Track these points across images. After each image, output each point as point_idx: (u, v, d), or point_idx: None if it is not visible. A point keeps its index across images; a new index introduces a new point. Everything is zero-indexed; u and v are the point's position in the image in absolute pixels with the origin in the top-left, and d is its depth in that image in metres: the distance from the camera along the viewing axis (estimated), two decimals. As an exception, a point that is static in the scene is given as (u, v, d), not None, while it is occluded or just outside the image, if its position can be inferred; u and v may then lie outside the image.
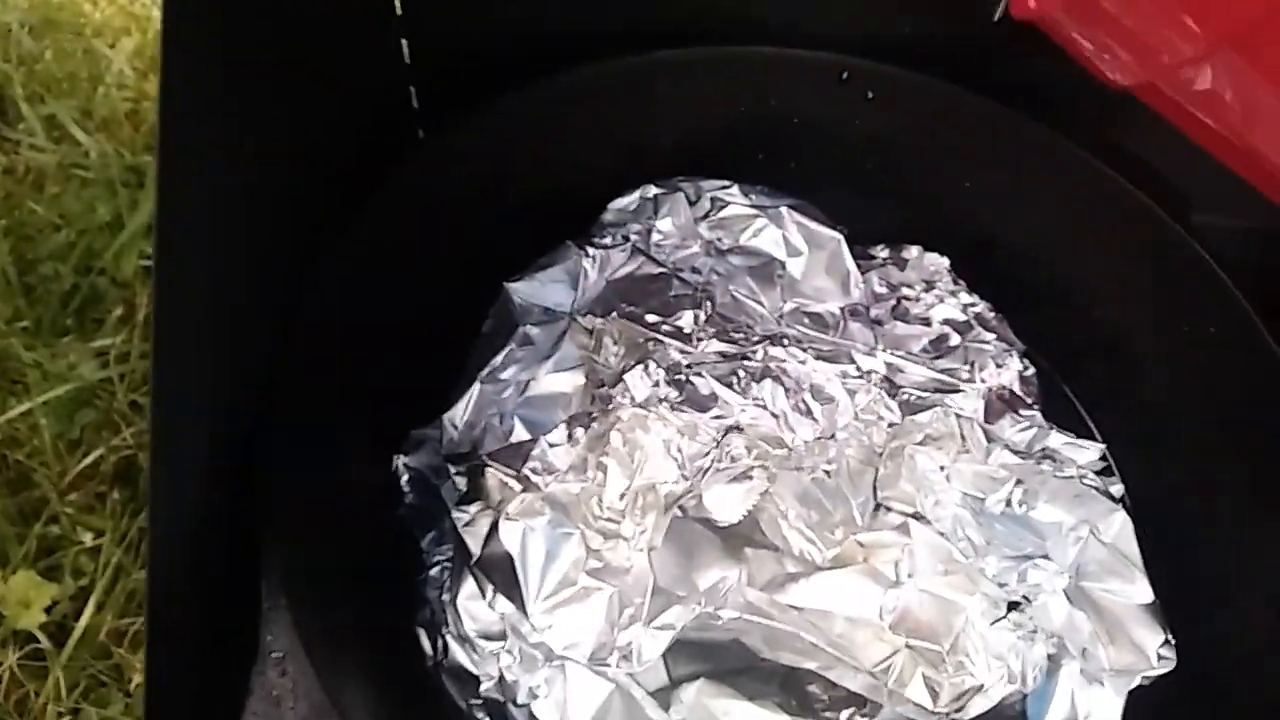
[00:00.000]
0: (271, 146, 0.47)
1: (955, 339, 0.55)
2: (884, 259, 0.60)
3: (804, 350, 0.49)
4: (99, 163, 0.84)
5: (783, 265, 0.57)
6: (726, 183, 0.59)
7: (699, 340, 0.49)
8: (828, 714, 0.46)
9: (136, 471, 0.71)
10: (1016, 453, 0.49)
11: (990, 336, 0.56)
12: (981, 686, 0.44)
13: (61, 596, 0.66)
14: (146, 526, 0.36)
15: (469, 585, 0.46)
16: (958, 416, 0.49)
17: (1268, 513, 0.49)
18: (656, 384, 0.46)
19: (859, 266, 0.57)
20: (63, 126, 0.86)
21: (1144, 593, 0.48)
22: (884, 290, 0.58)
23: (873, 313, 0.57)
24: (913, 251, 0.60)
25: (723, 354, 0.48)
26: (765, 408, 0.47)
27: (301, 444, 0.44)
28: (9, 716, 0.61)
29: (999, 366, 0.54)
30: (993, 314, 0.58)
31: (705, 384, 0.47)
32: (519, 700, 0.44)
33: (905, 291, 0.58)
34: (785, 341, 0.50)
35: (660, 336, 0.48)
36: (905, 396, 0.49)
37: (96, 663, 0.65)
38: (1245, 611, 0.48)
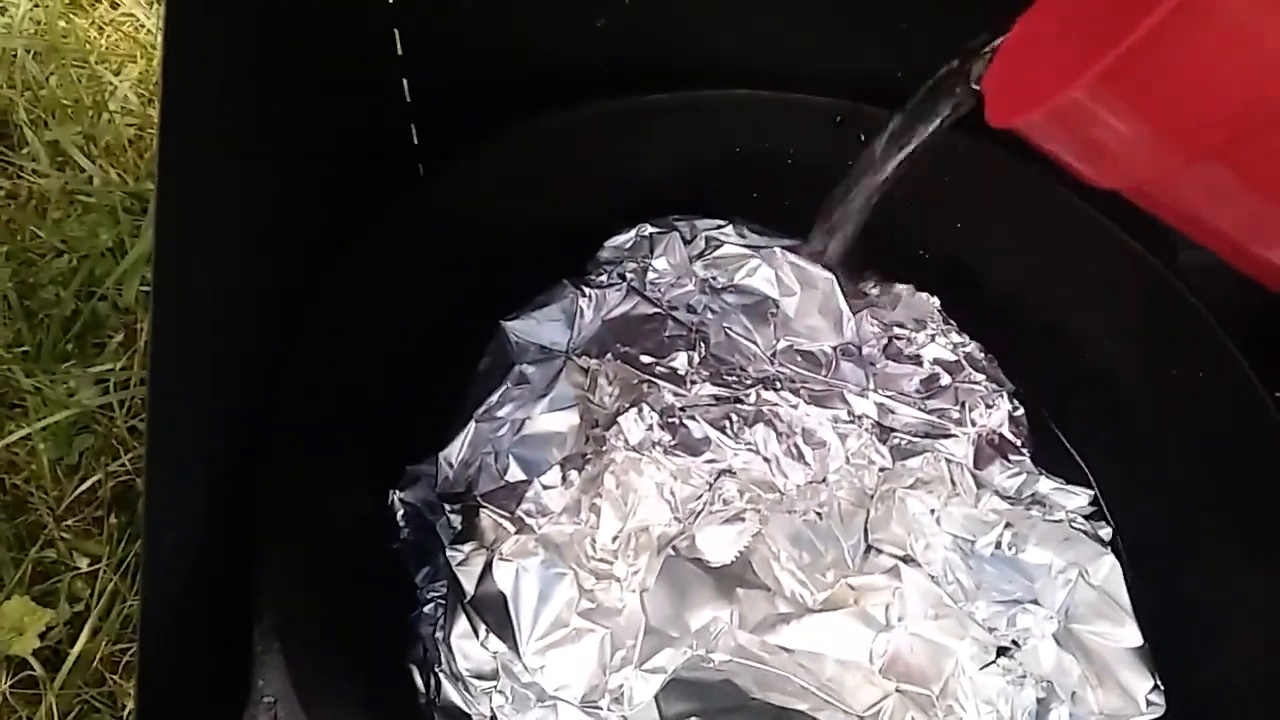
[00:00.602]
0: (271, 179, 0.47)
1: (946, 379, 0.56)
2: (875, 295, 0.60)
3: (796, 394, 0.50)
4: (102, 189, 0.85)
5: (776, 304, 0.58)
6: (721, 222, 0.60)
7: (692, 383, 0.49)
8: (817, 755, 0.46)
9: (134, 497, 0.71)
10: (1006, 498, 0.49)
11: (980, 377, 0.56)
12: (970, 731, 0.45)
13: (56, 622, 0.66)
14: (141, 559, 0.36)
15: (462, 623, 0.46)
16: (948, 461, 0.49)
17: (1255, 558, 0.50)
18: (650, 427, 0.47)
19: (850, 304, 0.58)
20: (66, 152, 0.87)
21: (1133, 636, 0.48)
22: (876, 329, 0.58)
23: (865, 351, 0.57)
24: (903, 290, 0.61)
25: (716, 397, 0.49)
26: (757, 452, 0.48)
27: (297, 478, 0.45)
28: (1, 745, 0.62)
29: (989, 407, 0.55)
30: (983, 354, 0.58)
31: (699, 428, 0.47)
32: (510, 740, 0.44)
33: (896, 331, 0.58)
34: (778, 385, 0.50)
35: (654, 378, 0.49)
36: (896, 441, 0.50)
37: (90, 689, 0.65)
38: (1234, 657, 0.49)
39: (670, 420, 0.47)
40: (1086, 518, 0.51)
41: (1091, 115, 0.32)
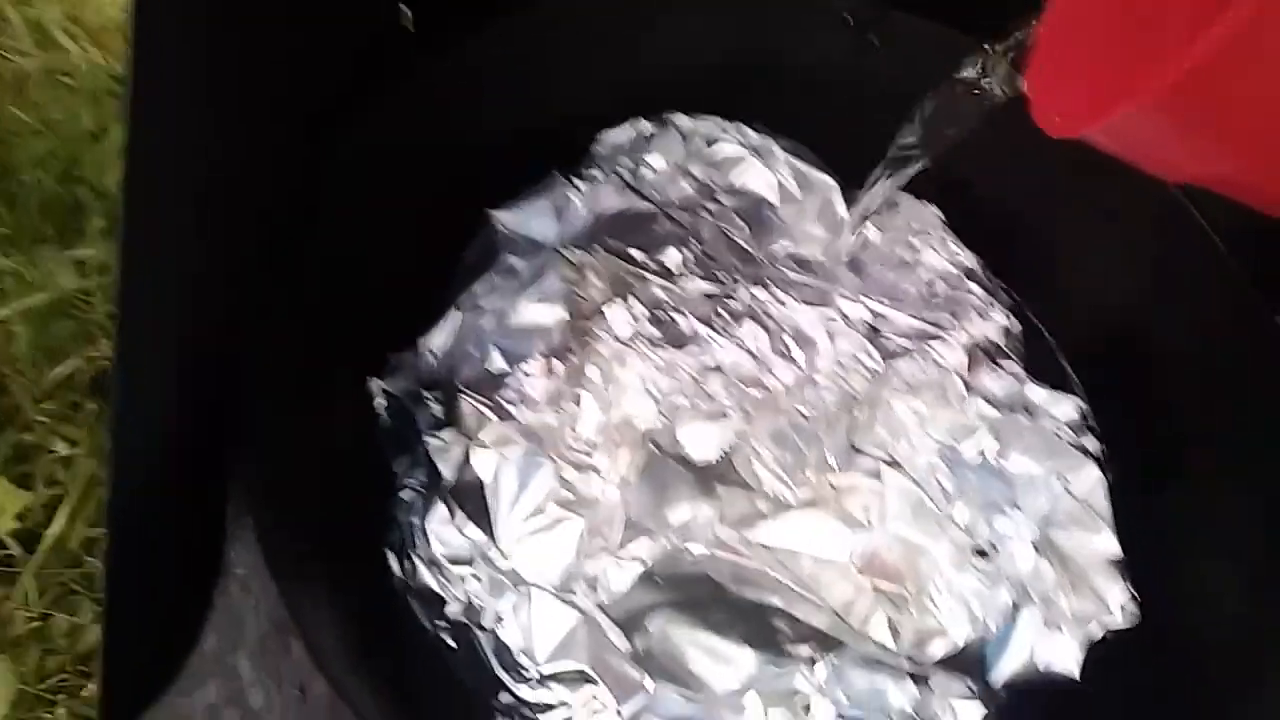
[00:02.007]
0: (258, 62, 0.45)
1: (942, 289, 0.55)
2: (876, 207, 0.59)
3: (788, 293, 0.49)
4: (85, 72, 0.82)
5: (774, 208, 0.56)
6: (721, 121, 0.58)
7: (682, 278, 0.48)
8: (790, 648, 0.46)
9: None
10: (994, 404, 0.49)
11: (977, 289, 0.55)
12: (943, 629, 0.45)
13: (33, 504, 0.65)
14: (109, 435, 0.36)
15: (440, 510, 0.46)
16: (938, 366, 0.49)
17: (1239, 476, 0.50)
18: (637, 320, 0.46)
19: (850, 211, 0.57)
20: (49, 32, 0.84)
21: (1111, 546, 0.48)
22: (874, 236, 0.57)
23: (861, 259, 0.56)
24: (904, 199, 0.59)
25: (706, 293, 0.48)
26: (745, 349, 0.47)
27: (276, 362, 0.44)
28: (-22, 621, 0.62)
29: (984, 319, 0.54)
30: (981, 267, 0.57)
31: (686, 322, 0.47)
32: (485, 624, 0.44)
33: (895, 238, 0.57)
34: (769, 283, 0.49)
35: (644, 273, 0.48)
36: (886, 344, 0.49)
37: (67, 571, 0.65)
38: (1210, 573, 0.49)
39: (658, 314, 0.46)
40: (1074, 428, 0.50)
41: (1158, 124, 0.30)
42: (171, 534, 0.39)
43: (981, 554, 0.46)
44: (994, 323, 0.54)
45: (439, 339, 0.48)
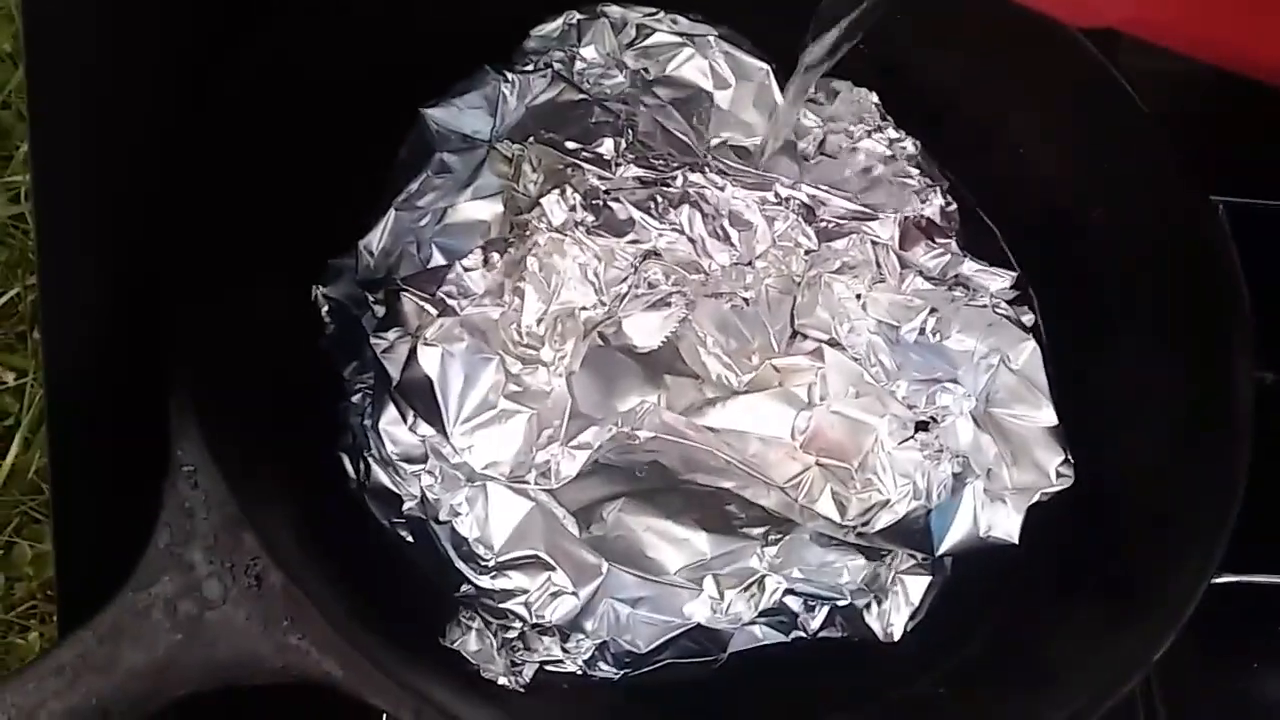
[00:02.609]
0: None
1: (880, 171, 0.55)
2: (812, 94, 0.59)
3: (724, 178, 0.49)
4: (-4, -8, 0.79)
5: (710, 97, 0.56)
6: (653, 9, 0.57)
7: (618, 167, 0.48)
8: (744, 530, 0.48)
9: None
10: (930, 279, 0.49)
11: (915, 172, 0.56)
12: (887, 501, 0.46)
13: (-14, 435, 0.65)
14: (41, 343, 0.35)
15: (390, 410, 0.46)
16: (873, 244, 0.49)
17: (1165, 341, 0.51)
18: (573, 208, 0.46)
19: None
20: (-46, -50, 0.80)
21: (1049, 417, 0.49)
22: (811, 124, 0.57)
23: (799, 147, 0.56)
24: (842, 85, 0.59)
25: (641, 180, 0.48)
26: (683, 233, 0.47)
27: (208, 266, 0.43)
28: (-62, 551, 0.62)
29: (922, 201, 0.54)
30: (919, 150, 0.57)
31: (623, 209, 0.46)
32: (441, 517, 0.45)
33: (832, 126, 0.57)
34: (706, 170, 0.49)
35: (579, 163, 0.48)
36: (823, 224, 0.50)
37: (27, 499, 0.65)
38: (1142, 436, 0.51)
39: (594, 202, 0.46)
40: (1010, 302, 0.51)
41: None
42: (113, 435, 0.39)
43: (923, 426, 0.47)
44: (931, 204, 0.54)
45: (377, 239, 0.48)
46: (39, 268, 0.35)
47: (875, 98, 0.59)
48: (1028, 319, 0.51)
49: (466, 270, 0.45)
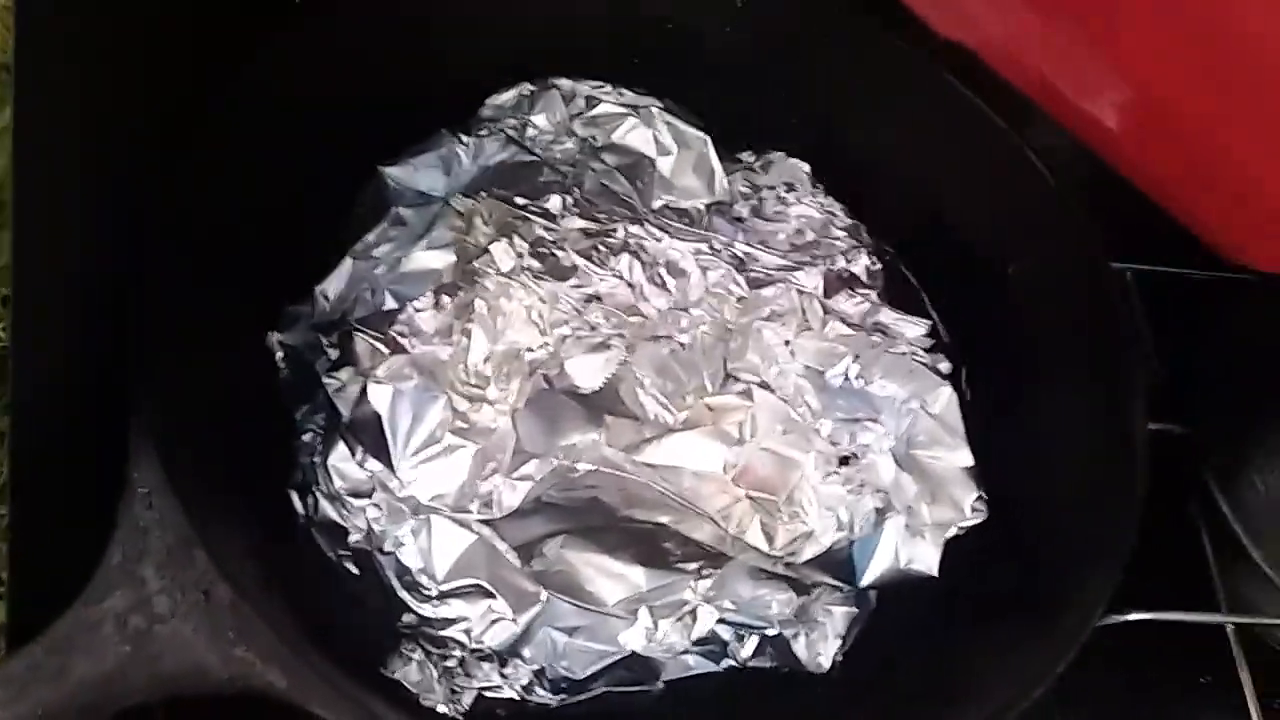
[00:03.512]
0: (138, 21, 0.47)
1: (810, 235, 0.60)
2: (750, 161, 0.63)
3: (663, 231, 0.53)
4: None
5: (652, 163, 0.60)
6: (601, 83, 0.62)
7: (563, 219, 0.51)
8: (679, 565, 0.50)
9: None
10: (850, 325, 0.53)
11: (842, 233, 0.60)
12: (812, 533, 0.49)
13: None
14: (9, 368, 0.37)
15: (340, 448, 0.48)
16: (799, 292, 0.53)
17: (1074, 387, 0.55)
18: (520, 255, 0.49)
19: (725, 169, 0.61)
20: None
21: (965, 458, 0.53)
22: (747, 190, 0.61)
23: (736, 210, 0.60)
24: (776, 156, 0.64)
25: (585, 231, 0.51)
26: (622, 279, 0.50)
27: (171, 313, 0.45)
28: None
29: (848, 261, 0.58)
30: (846, 215, 0.62)
31: (567, 257, 0.50)
32: (385, 548, 0.47)
33: (766, 193, 0.62)
34: (646, 223, 0.53)
35: (528, 215, 0.51)
36: (753, 274, 0.53)
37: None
38: (1051, 473, 0.54)
39: (540, 250, 0.50)
40: (928, 350, 0.55)
41: None
42: (72, 458, 0.41)
43: (845, 461, 0.50)
44: (857, 263, 0.58)
45: (334, 285, 0.51)
46: (12, 297, 0.37)
47: (806, 167, 0.63)
48: (944, 366, 0.55)
49: (418, 311, 0.48)
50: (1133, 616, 0.51)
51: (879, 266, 0.60)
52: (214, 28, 0.52)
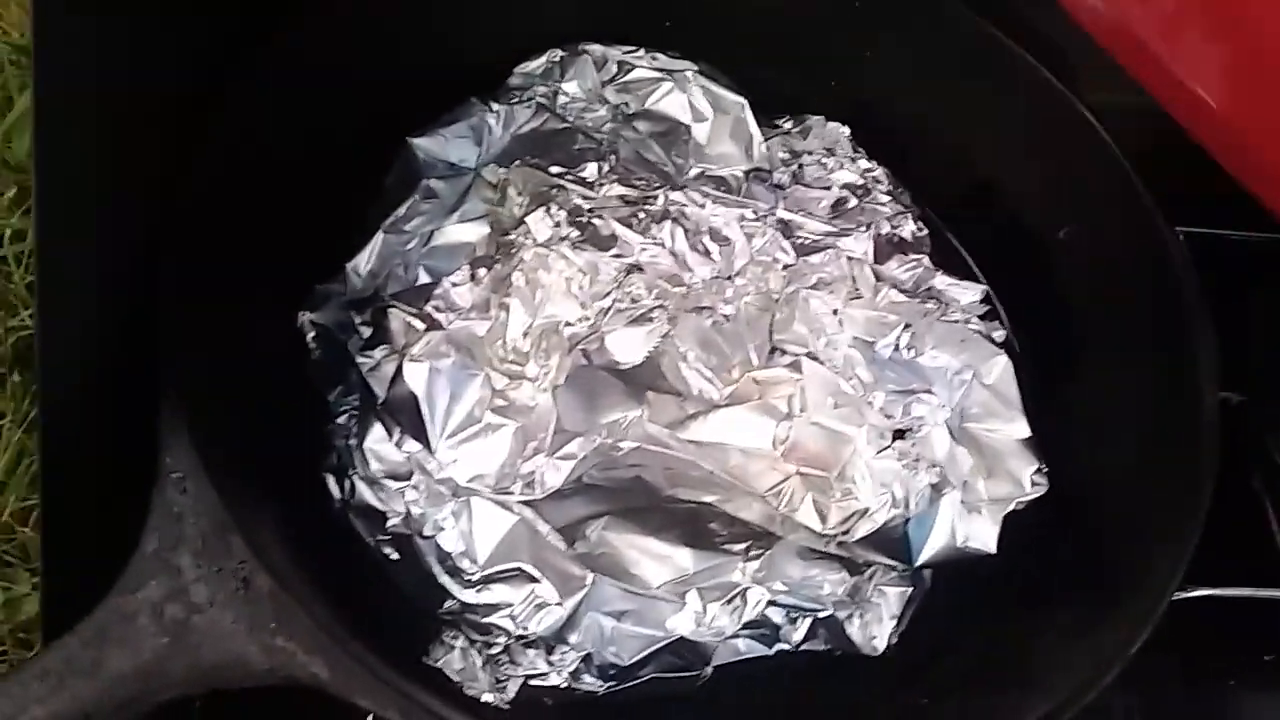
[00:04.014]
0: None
1: (853, 201, 0.57)
2: (788, 128, 0.61)
3: (704, 197, 0.50)
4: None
5: (688, 130, 0.58)
6: (633, 47, 0.59)
7: (601, 186, 0.49)
8: (726, 545, 0.48)
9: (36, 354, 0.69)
10: (903, 291, 0.51)
11: (886, 199, 0.58)
12: (866, 510, 0.47)
13: (-39, 480, 0.64)
14: (36, 354, 0.36)
15: (376, 429, 0.47)
16: (849, 259, 0.51)
17: (1133, 356, 0.53)
18: (558, 224, 0.47)
19: (764, 134, 0.59)
20: (-57, 3, 0.81)
21: (1022, 429, 0.51)
22: (786, 156, 0.59)
23: (775, 177, 0.58)
24: (815, 121, 0.61)
25: (624, 198, 0.49)
26: (664, 247, 0.48)
27: (200, 293, 0.44)
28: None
29: (893, 227, 0.56)
30: (890, 180, 0.59)
31: (606, 225, 0.48)
32: (425, 532, 0.45)
33: (806, 158, 0.59)
34: (686, 189, 0.51)
35: (563, 183, 0.49)
36: (800, 239, 0.51)
37: (1, 543, 0.64)
38: (1113, 446, 0.52)
39: (578, 219, 0.48)
40: (981, 318, 0.53)
41: None
42: (103, 439, 0.39)
43: (900, 436, 0.48)
44: (904, 228, 0.56)
45: (365, 261, 0.49)
46: (38, 287, 0.36)
47: (846, 130, 0.61)
48: (999, 335, 0.53)
49: (454, 285, 0.46)
50: (1196, 593, 0.48)
51: (925, 232, 0.58)
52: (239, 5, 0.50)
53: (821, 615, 0.48)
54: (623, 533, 0.48)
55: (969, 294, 0.53)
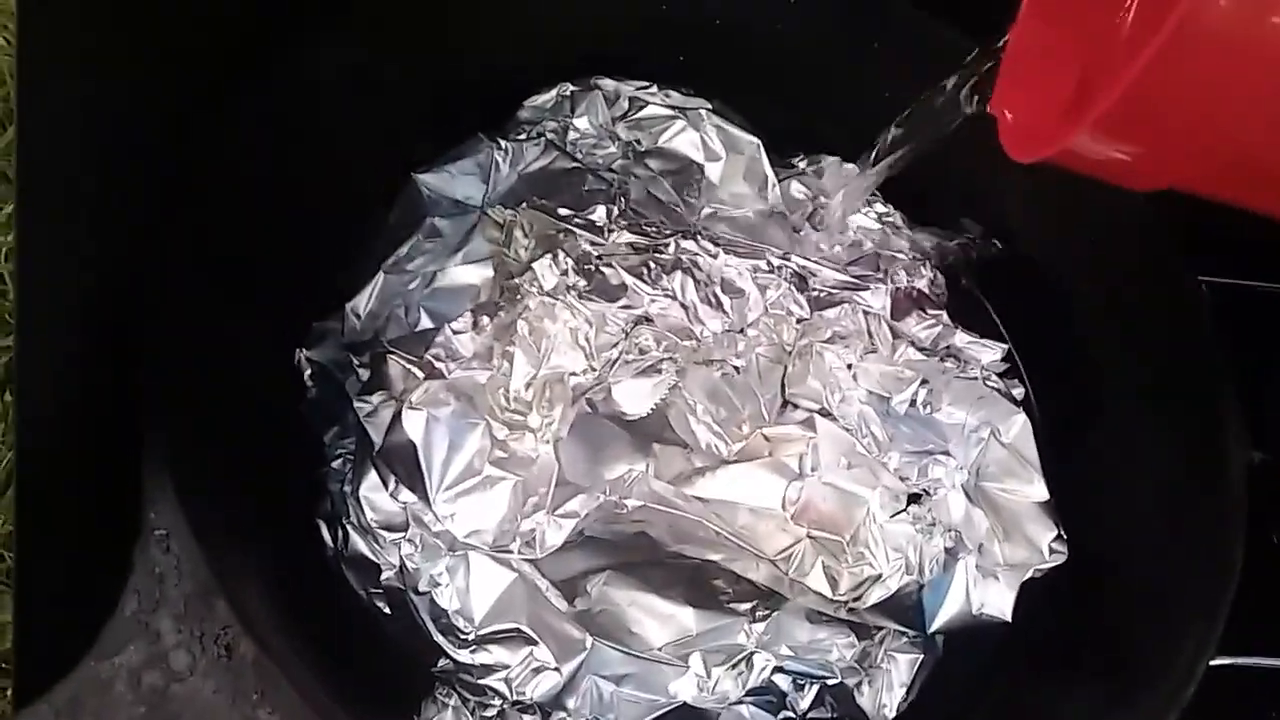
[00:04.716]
0: (154, 23, 0.44)
1: (869, 246, 0.56)
2: (802, 167, 0.59)
3: (717, 245, 0.49)
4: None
5: (701, 169, 0.56)
6: (645, 83, 0.58)
7: (610, 232, 0.48)
8: (731, 605, 0.46)
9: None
10: (922, 349, 0.49)
11: (904, 245, 0.56)
12: (879, 576, 0.45)
13: (-50, 502, 0.63)
14: (12, 403, 0.34)
15: (371, 477, 0.45)
16: (865, 313, 0.49)
17: (1156, 417, 0.51)
18: (565, 273, 0.45)
19: (777, 174, 0.57)
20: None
21: (1039, 492, 0.49)
22: (801, 197, 0.57)
23: (790, 218, 0.56)
24: (830, 161, 0.60)
25: (634, 245, 0.48)
26: (675, 299, 0.47)
27: (188, 325, 0.42)
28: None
29: (910, 275, 0.54)
30: (906, 223, 0.58)
31: (615, 274, 0.46)
32: (420, 588, 0.43)
33: (822, 200, 0.58)
34: (699, 236, 0.49)
35: (571, 228, 0.48)
36: (815, 293, 0.50)
37: (-13, 567, 0.62)
38: (1135, 512, 0.50)
39: (586, 266, 0.46)
40: (1001, 375, 0.51)
41: (1105, 148, 0.31)
42: (81, 496, 0.38)
43: (915, 499, 0.46)
44: (921, 277, 0.54)
45: (365, 302, 0.48)
46: (16, 326, 0.34)
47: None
48: (1018, 392, 0.51)
49: (455, 333, 0.44)
50: (1219, 662, 0.47)
51: (942, 280, 0.56)
52: (234, 28, 0.48)
53: (830, 682, 0.46)
54: (624, 589, 0.46)
55: (989, 353, 0.51)
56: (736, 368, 0.48)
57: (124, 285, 0.40)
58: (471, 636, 0.43)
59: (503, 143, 0.53)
